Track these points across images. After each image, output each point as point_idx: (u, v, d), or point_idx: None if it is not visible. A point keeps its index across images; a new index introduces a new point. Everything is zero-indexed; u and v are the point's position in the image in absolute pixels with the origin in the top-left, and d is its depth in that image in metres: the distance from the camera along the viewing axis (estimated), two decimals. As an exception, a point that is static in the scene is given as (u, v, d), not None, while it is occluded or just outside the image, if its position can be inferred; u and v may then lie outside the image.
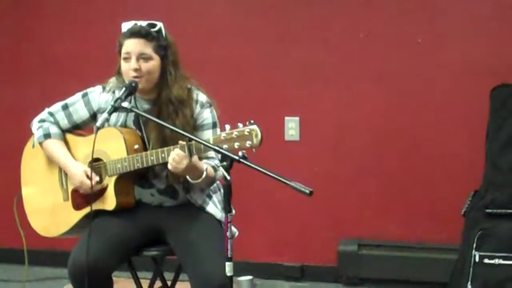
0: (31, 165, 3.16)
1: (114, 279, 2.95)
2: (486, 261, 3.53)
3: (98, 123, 2.74)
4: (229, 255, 2.47)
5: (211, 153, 2.87)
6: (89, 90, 3.05)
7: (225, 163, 2.45)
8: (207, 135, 2.90)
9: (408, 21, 4.15)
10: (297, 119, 4.32)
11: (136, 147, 2.90)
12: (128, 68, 2.87)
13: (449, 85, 4.11)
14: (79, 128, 3.09)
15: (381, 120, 4.21)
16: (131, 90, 2.82)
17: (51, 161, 3.08)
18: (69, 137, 3.08)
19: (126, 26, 2.91)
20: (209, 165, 2.85)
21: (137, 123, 2.97)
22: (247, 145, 2.47)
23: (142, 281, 3.08)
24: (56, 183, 3.08)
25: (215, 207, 2.99)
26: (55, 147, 3.04)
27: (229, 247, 2.47)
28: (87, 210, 2.93)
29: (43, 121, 3.07)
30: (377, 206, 4.25)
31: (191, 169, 2.73)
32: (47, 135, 3.04)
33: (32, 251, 4.02)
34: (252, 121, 2.48)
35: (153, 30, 2.88)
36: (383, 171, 4.23)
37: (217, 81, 3.94)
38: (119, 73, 2.96)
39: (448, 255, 3.95)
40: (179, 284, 3.06)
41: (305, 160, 4.31)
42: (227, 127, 2.52)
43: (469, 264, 3.55)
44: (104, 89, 3.02)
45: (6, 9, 4.70)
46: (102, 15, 4.52)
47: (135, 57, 2.86)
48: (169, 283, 3.07)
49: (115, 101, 2.74)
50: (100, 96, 3.02)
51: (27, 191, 3.18)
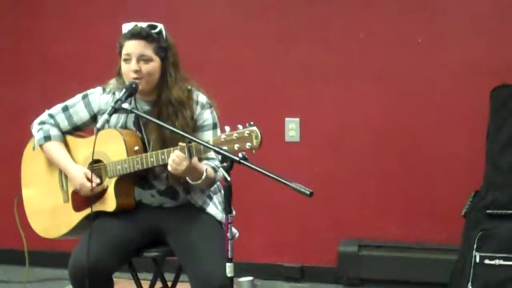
0: (31, 166, 3.16)
1: (114, 280, 2.95)
2: (486, 261, 3.53)
3: (98, 125, 2.73)
4: (230, 256, 2.47)
5: (211, 154, 2.87)
6: (89, 91, 3.05)
7: (225, 164, 2.45)
8: (208, 136, 2.89)
9: (408, 21, 4.14)
10: (297, 120, 4.31)
11: (136, 148, 2.90)
12: (128, 69, 2.87)
13: (449, 85, 4.10)
14: (79, 129, 3.08)
15: (381, 120, 4.21)
16: (131, 91, 2.82)
17: (51, 162, 3.08)
18: (69, 138, 3.08)
19: (126, 27, 2.91)
20: (209, 166, 2.85)
21: (137, 124, 2.96)
22: (247, 147, 2.47)
23: (142, 282, 3.08)
24: (56, 185, 3.08)
25: (215, 208, 2.99)
26: (55, 149, 3.04)
27: (229, 248, 2.47)
28: (87, 211, 2.93)
29: (43, 123, 3.07)
30: (377, 206, 4.25)
31: (191, 171, 2.73)
32: (47, 138, 3.04)
33: (32, 252, 4.03)
34: (252, 123, 2.48)
35: (153, 31, 2.88)
36: (383, 171, 4.23)
37: (217, 82, 3.93)
38: (119, 74, 2.96)
39: (448, 256, 3.95)
40: (179, 285, 3.06)
41: (305, 161, 4.30)
42: (227, 128, 2.53)
43: (469, 264, 3.55)
44: (104, 90, 3.02)
45: (6, 9, 4.70)
46: (102, 16, 4.51)
47: (136, 58, 2.86)
48: (169, 284, 3.07)
49: (115, 102, 2.73)
50: (100, 97, 3.02)
51: (27, 193, 3.18)
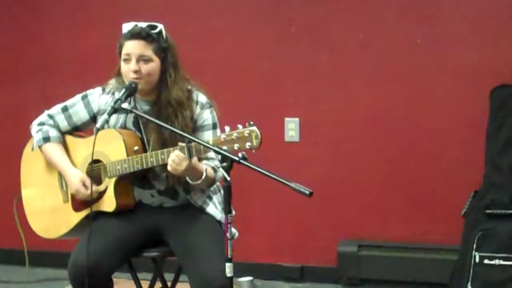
0: (31, 167, 3.16)
1: (114, 280, 2.95)
2: (486, 261, 3.53)
3: (98, 125, 2.73)
4: (229, 256, 2.47)
5: (211, 154, 2.87)
6: (88, 91, 3.05)
7: (225, 164, 2.45)
8: (207, 135, 2.89)
9: (407, 22, 4.14)
10: (297, 120, 4.31)
11: (135, 148, 2.90)
12: (128, 69, 2.87)
13: (449, 85, 4.10)
14: (79, 130, 3.08)
15: (381, 120, 4.21)
16: (130, 91, 2.82)
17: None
18: (69, 138, 3.08)
19: (126, 27, 2.91)
20: (209, 166, 2.85)
21: (137, 124, 2.96)
22: (247, 147, 2.47)
23: (142, 282, 3.08)
24: (55, 185, 3.08)
25: (215, 208, 2.99)
26: (54, 151, 3.04)
27: (229, 248, 2.47)
28: (87, 211, 2.93)
29: (42, 124, 3.07)
30: (376, 206, 4.25)
31: (190, 171, 2.73)
32: (47, 139, 3.03)
33: (32, 252, 4.04)
34: (251, 123, 2.49)
35: (153, 31, 2.88)
36: (382, 171, 4.22)
37: (216, 82, 3.93)
38: (119, 74, 2.95)
39: (448, 256, 3.95)
40: (179, 285, 3.06)
41: (305, 161, 4.30)
42: (227, 128, 2.53)
43: (469, 264, 3.55)
44: (104, 90, 3.02)
45: (6, 9, 4.70)
46: (102, 16, 4.51)
47: (135, 58, 2.85)
48: (169, 284, 3.06)
49: (115, 102, 2.74)
50: (100, 97, 3.01)
51: (26, 193, 3.17)
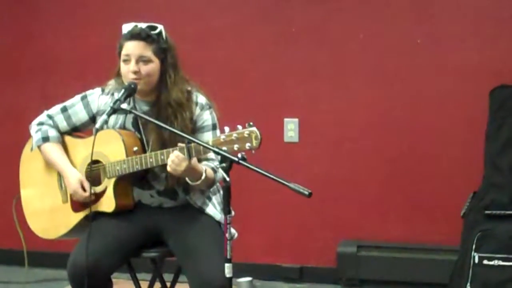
0: (30, 167, 3.15)
1: (113, 280, 2.95)
2: (485, 262, 3.53)
3: (97, 125, 2.73)
4: (229, 256, 2.47)
5: (211, 155, 2.87)
6: (88, 92, 3.05)
7: (224, 165, 2.45)
8: (207, 136, 2.89)
9: (407, 22, 4.14)
10: (296, 120, 4.31)
11: (135, 149, 2.90)
12: (127, 70, 2.87)
13: (449, 86, 4.10)
14: (78, 130, 3.08)
15: (381, 121, 4.21)
16: (130, 91, 2.82)
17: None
18: (68, 139, 3.07)
19: (126, 27, 2.90)
20: (209, 166, 2.85)
21: (136, 125, 2.96)
22: (247, 147, 2.48)
23: (141, 283, 3.08)
24: (55, 185, 3.07)
25: (214, 209, 2.99)
26: (53, 151, 3.03)
27: (228, 248, 2.47)
28: (86, 212, 2.93)
29: (41, 124, 3.06)
30: (376, 207, 4.25)
31: (190, 171, 2.73)
32: (46, 139, 3.03)
33: (31, 253, 4.04)
34: (251, 123, 2.49)
35: (153, 32, 2.87)
36: (382, 172, 4.22)
37: (216, 82, 3.94)
38: (118, 75, 2.95)
39: (447, 256, 3.95)
40: (178, 285, 3.05)
41: (304, 161, 4.30)
42: (227, 129, 2.53)
43: (468, 265, 3.55)
44: (103, 91, 3.02)
45: (6, 9, 4.70)
46: (102, 16, 4.51)
47: (135, 59, 2.85)
48: (168, 285, 3.06)
49: (114, 103, 2.73)
50: (99, 98, 3.01)
51: (26, 193, 3.17)
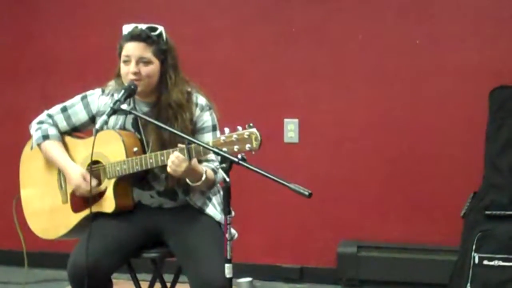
0: (30, 167, 3.15)
1: (113, 280, 2.95)
2: (485, 262, 3.53)
3: (97, 126, 2.73)
4: (229, 257, 2.47)
5: (211, 156, 2.87)
6: (88, 92, 3.05)
7: (224, 165, 2.46)
8: (207, 137, 2.89)
9: (406, 22, 4.14)
10: (296, 121, 4.31)
11: (135, 149, 2.90)
12: (127, 71, 2.87)
13: (448, 86, 4.10)
14: (78, 130, 3.08)
15: (380, 121, 4.21)
16: (130, 92, 2.82)
17: (49, 163, 3.07)
18: (68, 139, 3.07)
19: (126, 28, 2.91)
20: (209, 167, 2.85)
21: (136, 125, 2.96)
22: (247, 148, 2.48)
23: (141, 283, 3.09)
24: (55, 185, 3.07)
25: (214, 209, 2.99)
26: (53, 148, 3.03)
27: (228, 249, 2.47)
28: (86, 212, 2.93)
29: (41, 122, 3.07)
30: (376, 207, 4.25)
31: (190, 172, 2.73)
32: (46, 137, 3.03)
33: (31, 253, 4.03)
34: (251, 124, 2.49)
35: (153, 34, 2.87)
36: (382, 172, 4.22)
37: (216, 83, 3.94)
38: (118, 76, 2.95)
39: (447, 257, 3.95)
40: (178, 286, 3.06)
41: (304, 162, 4.30)
42: (227, 130, 2.53)
43: (468, 265, 3.55)
44: (103, 92, 3.02)
45: (6, 9, 4.70)
46: (102, 17, 4.51)
47: (135, 60, 2.85)
48: (168, 285, 3.06)
49: (114, 103, 2.73)
50: (99, 99, 3.01)
51: (25, 194, 3.17)
